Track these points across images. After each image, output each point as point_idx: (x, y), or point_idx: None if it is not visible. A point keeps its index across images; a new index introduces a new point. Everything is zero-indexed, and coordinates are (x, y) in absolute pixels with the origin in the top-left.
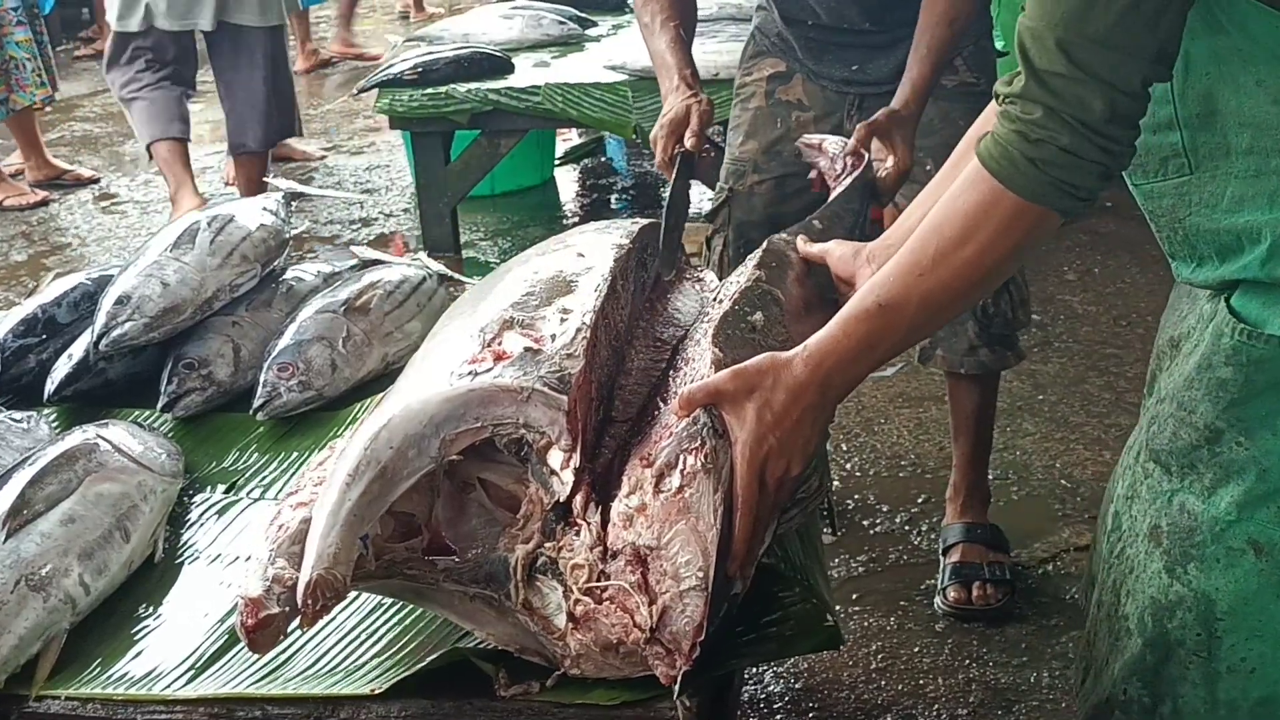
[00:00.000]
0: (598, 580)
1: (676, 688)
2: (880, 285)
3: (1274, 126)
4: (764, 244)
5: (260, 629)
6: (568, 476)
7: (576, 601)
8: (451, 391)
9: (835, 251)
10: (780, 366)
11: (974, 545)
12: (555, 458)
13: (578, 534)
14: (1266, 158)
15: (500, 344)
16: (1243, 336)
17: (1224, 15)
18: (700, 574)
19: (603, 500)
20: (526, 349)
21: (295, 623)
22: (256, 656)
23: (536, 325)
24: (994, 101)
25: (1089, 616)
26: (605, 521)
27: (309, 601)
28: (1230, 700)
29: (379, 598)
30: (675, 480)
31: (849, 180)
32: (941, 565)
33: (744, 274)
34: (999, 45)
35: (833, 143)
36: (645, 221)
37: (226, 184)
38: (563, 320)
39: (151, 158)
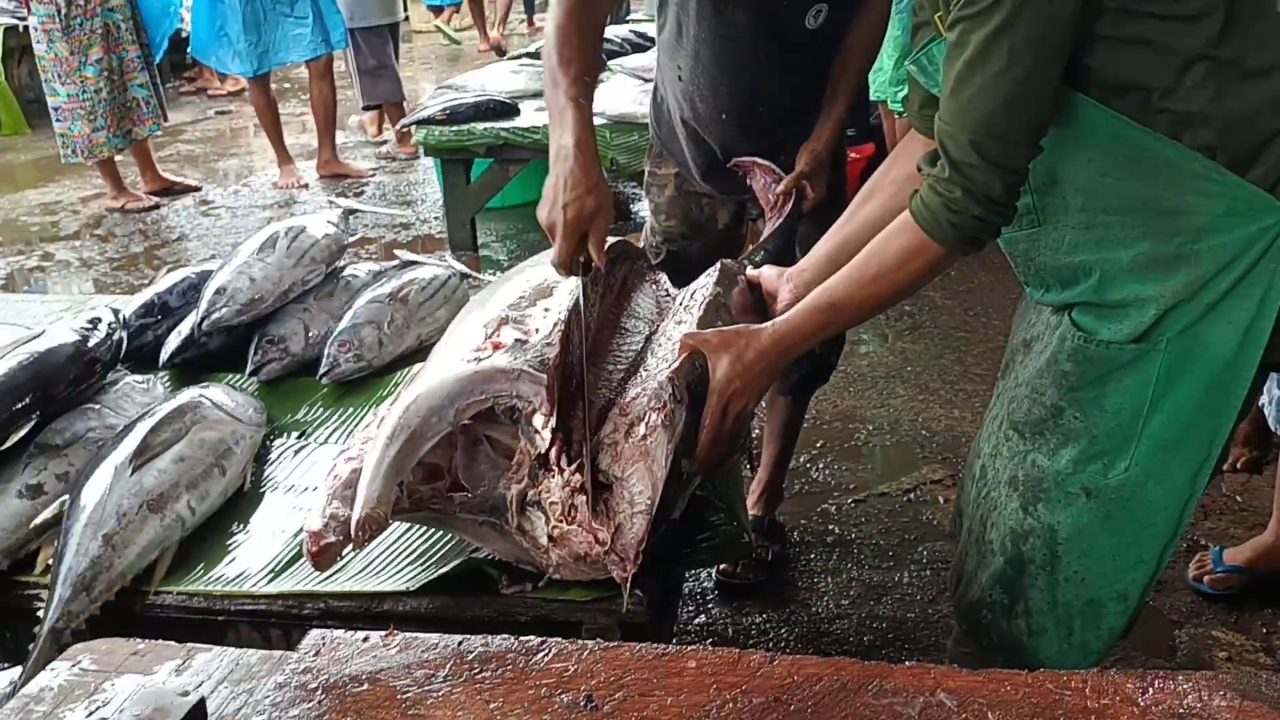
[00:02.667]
0: (568, 512)
1: (627, 586)
2: (832, 290)
3: (1100, 192)
4: (718, 265)
5: (321, 554)
6: (546, 434)
7: (554, 527)
8: (462, 373)
9: (765, 273)
10: (753, 333)
11: (754, 533)
12: (538, 420)
13: (553, 477)
14: (1095, 214)
15: (498, 336)
16: (1080, 341)
17: (1067, 110)
18: (648, 502)
19: (574, 455)
20: (517, 340)
21: (349, 548)
22: None
23: (525, 321)
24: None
25: (960, 542)
26: (574, 468)
27: (359, 534)
28: (1066, 601)
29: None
30: (641, 430)
31: (783, 217)
32: None
33: (706, 288)
34: (878, 94)
35: (764, 168)
36: (613, 240)
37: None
38: (545, 317)
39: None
